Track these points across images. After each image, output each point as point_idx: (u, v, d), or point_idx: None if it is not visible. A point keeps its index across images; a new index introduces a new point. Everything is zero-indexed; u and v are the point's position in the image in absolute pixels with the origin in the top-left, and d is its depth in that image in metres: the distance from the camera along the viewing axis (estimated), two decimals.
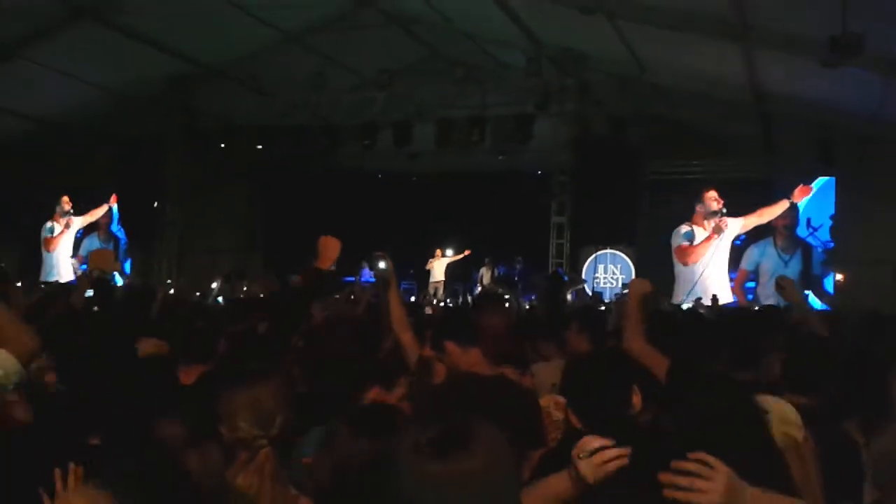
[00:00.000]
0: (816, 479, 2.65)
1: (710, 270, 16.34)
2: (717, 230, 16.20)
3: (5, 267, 14.78)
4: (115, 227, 19.49)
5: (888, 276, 13.30)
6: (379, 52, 14.95)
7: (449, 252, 18.68)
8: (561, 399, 4.03)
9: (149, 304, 6.54)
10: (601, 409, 2.76)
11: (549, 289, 10.04)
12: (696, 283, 16.24)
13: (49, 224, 20.05)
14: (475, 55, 15.10)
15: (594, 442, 2.18)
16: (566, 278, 14.01)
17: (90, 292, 7.41)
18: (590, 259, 17.57)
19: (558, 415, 4.00)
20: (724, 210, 16.05)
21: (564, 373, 3.55)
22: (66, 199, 19.67)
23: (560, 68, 14.04)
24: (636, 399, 2.79)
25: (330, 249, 3.90)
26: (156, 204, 17.15)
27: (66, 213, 19.81)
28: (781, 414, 2.64)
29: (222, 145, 16.43)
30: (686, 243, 16.47)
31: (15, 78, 13.99)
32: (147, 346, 4.22)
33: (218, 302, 9.78)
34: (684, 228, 16.52)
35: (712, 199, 16.08)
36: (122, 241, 19.34)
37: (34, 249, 19.82)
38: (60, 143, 16.61)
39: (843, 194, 15.18)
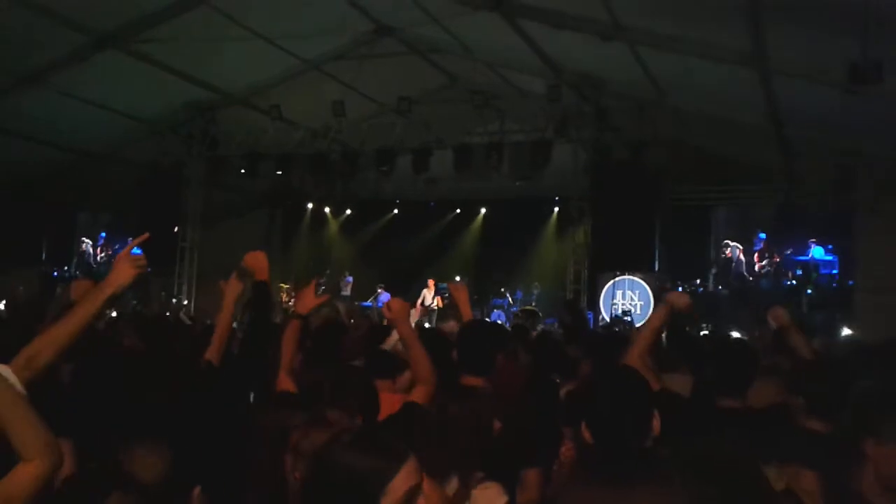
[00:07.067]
0: None
1: None
2: None
3: (24, 291, 14.88)
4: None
5: None
6: (398, 79, 15.08)
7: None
8: None
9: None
10: (619, 430, 2.75)
11: (570, 320, 9.93)
12: None
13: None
14: (494, 82, 15.16)
15: None
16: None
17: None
18: (608, 285, 17.47)
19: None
20: None
21: (586, 391, 3.54)
22: None
23: (579, 94, 14.04)
24: (656, 423, 2.79)
25: (260, 261, 4.12)
26: (176, 229, 17.20)
27: None
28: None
29: (242, 171, 16.53)
30: None
31: (39, 106, 14.13)
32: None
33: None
34: None
35: None
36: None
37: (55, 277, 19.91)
38: (83, 169, 16.73)
39: (863, 221, 15.02)
